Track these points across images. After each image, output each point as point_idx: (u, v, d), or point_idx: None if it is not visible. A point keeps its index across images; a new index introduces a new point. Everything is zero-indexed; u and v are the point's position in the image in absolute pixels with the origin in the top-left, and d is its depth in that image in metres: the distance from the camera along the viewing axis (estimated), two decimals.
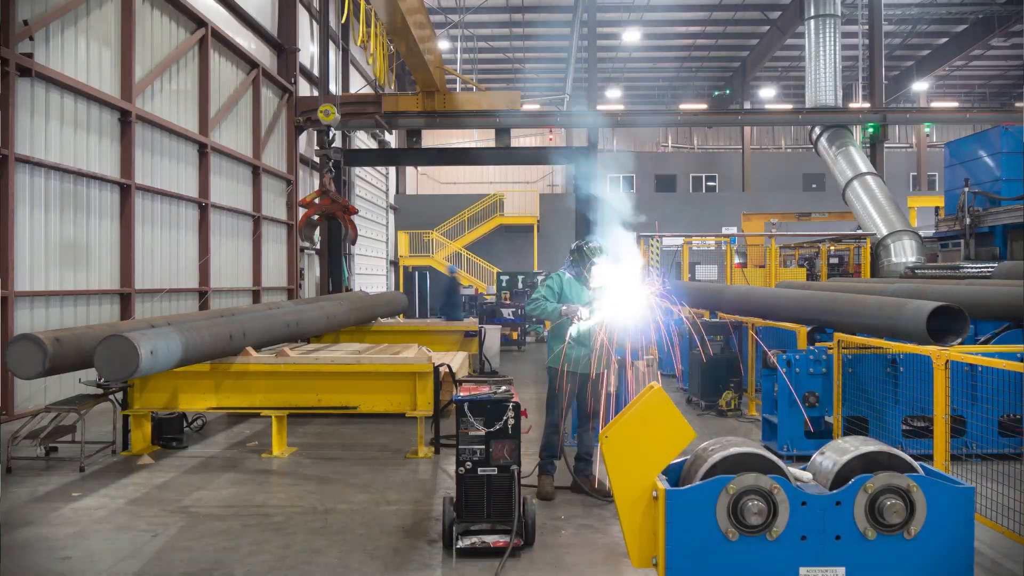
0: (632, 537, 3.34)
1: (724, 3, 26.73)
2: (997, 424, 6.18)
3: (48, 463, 7.11)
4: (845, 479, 3.26)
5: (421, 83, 19.05)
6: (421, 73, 18.01)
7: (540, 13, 27.60)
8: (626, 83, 36.89)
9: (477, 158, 27.41)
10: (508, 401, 4.77)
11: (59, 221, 10.18)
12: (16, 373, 6.24)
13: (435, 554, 4.77)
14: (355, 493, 6.13)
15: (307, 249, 20.90)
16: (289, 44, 18.86)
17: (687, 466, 3.50)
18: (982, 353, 5.43)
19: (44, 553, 4.85)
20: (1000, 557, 4.56)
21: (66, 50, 10.34)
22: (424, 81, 18.79)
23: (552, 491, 5.92)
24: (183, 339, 6.49)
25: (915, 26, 28.61)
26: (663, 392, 3.46)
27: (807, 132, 23.53)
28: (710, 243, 26.89)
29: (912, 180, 37.29)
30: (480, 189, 35.84)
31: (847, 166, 20.26)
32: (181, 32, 13.57)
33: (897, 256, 17.76)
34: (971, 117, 23.15)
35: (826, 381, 6.77)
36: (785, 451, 6.87)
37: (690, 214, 30.90)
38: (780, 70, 34.65)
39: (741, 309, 9.67)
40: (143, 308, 12.00)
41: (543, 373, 13.80)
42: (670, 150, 40.54)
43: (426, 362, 7.42)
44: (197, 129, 14.03)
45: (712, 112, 30.90)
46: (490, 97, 20.35)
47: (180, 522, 5.41)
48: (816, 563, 3.18)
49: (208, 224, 14.24)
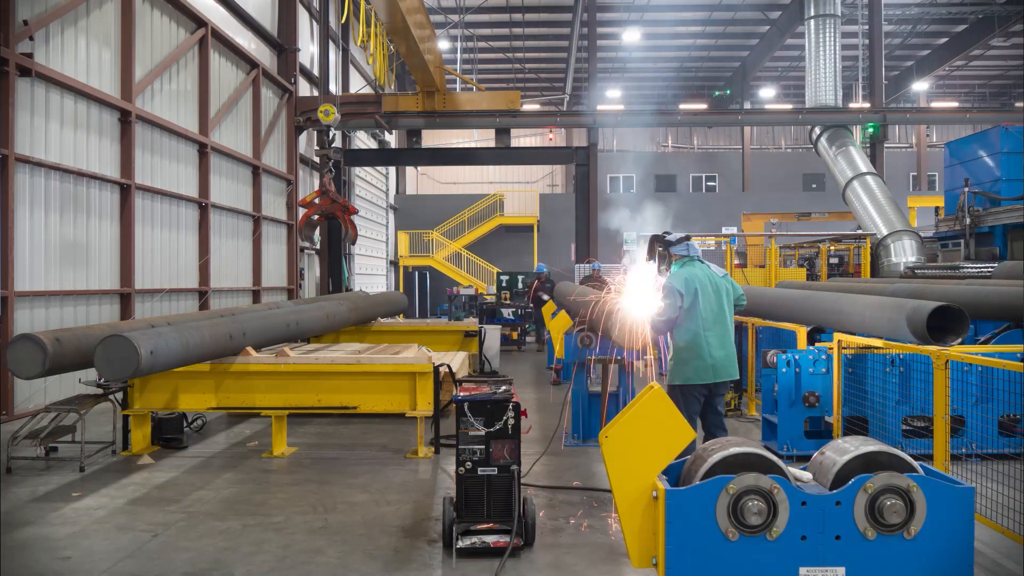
0: (632, 537, 3.34)
1: (724, 3, 26.72)
2: (997, 424, 6.19)
3: (48, 463, 7.11)
4: (845, 479, 3.26)
5: (421, 83, 19.07)
6: (421, 73, 18.03)
7: (540, 13, 27.59)
8: (626, 83, 36.88)
9: (477, 158, 27.45)
10: (508, 401, 4.77)
11: (59, 221, 10.19)
12: (16, 373, 6.24)
13: (435, 554, 4.77)
14: (355, 493, 6.13)
15: (307, 249, 20.90)
16: (289, 44, 18.87)
17: (687, 466, 3.50)
18: (982, 353, 5.43)
19: (44, 553, 4.84)
20: (1000, 557, 4.56)
21: (66, 50, 10.34)
22: (424, 81, 18.80)
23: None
24: (183, 339, 6.49)
25: (915, 26, 28.60)
26: (663, 392, 3.46)
27: (807, 132, 23.53)
28: (710, 243, 26.88)
29: (912, 180, 37.30)
30: (480, 189, 35.84)
31: (847, 166, 20.26)
32: (181, 32, 13.58)
33: (897, 256, 17.76)
34: (971, 117, 23.14)
35: (826, 381, 6.77)
36: (785, 451, 6.88)
37: (690, 214, 30.95)
38: (780, 70, 34.65)
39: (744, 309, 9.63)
40: (143, 308, 12.01)
41: (543, 373, 13.88)
42: (670, 150, 40.55)
43: (426, 362, 7.42)
44: (197, 129, 14.03)
45: (712, 112, 30.89)
46: (490, 97, 20.37)
47: (180, 522, 5.41)
48: (816, 563, 3.18)
49: (208, 224, 14.25)
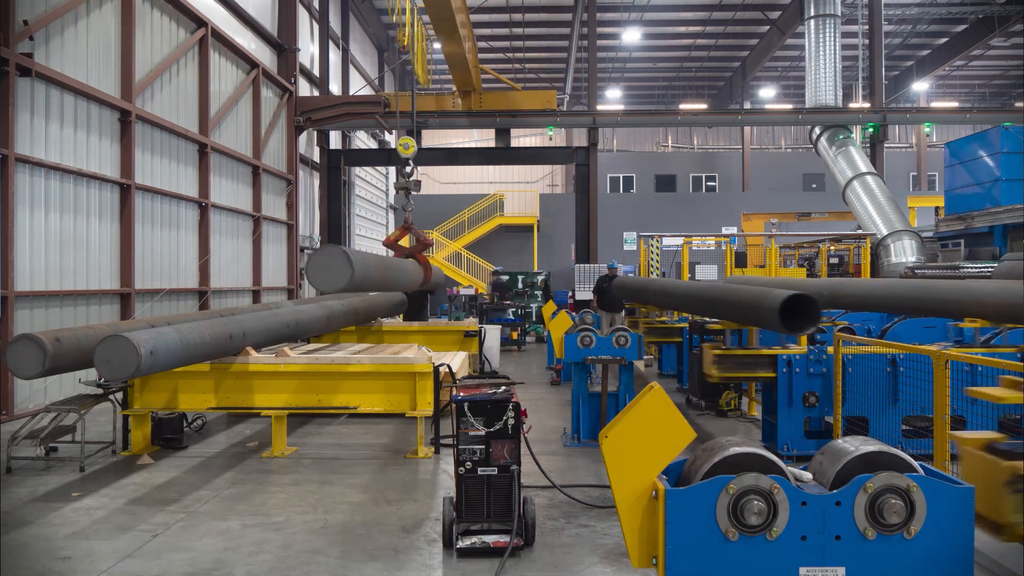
0: (632, 537, 3.34)
1: (724, 3, 26.74)
2: (997, 424, 6.19)
3: (48, 463, 7.11)
4: (845, 479, 3.26)
5: (459, 83, 19.31)
6: (461, 72, 18.21)
7: (540, 13, 27.60)
8: (626, 83, 36.89)
9: (477, 158, 27.44)
10: (508, 401, 4.77)
11: (59, 221, 10.19)
12: (16, 373, 6.24)
13: (435, 554, 4.77)
14: (355, 493, 6.13)
15: (307, 249, 20.92)
16: (289, 44, 18.87)
17: (687, 466, 3.50)
18: (982, 353, 5.43)
19: (44, 553, 4.85)
20: (1000, 557, 4.56)
21: (66, 50, 10.34)
22: (462, 81, 19.01)
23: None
24: (183, 339, 6.49)
25: (915, 26, 28.62)
26: (663, 392, 3.45)
27: (807, 132, 23.53)
28: (710, 243, 26.89)
29: (912, 180, 37.31)
30: (480, 189, 35.84)
31: (847, 166, 20.28)
32: (181, 32, 13.58)
33: (897, 256, 17.77)
34: (971, 117, 23.15)
35: (826, 381, 6.78)
36: (785, 451, 6.88)
37: (690, 214, 30.95)
38: (780, 70, 34.66)
39: (675, 304, 9.65)
40: (143, 308, 12.01)
41: (543, 373, 13.88)
42: (670, 150, 40.56)
43: (426, 362, 7.42)
44: (197, 129, 14.03)
45: (712, 112, 30.90)
46: (527, 97, 20.48)
47: (180, 522, 5.41)
48: (816, 563, 3.18)
49: (208, 224, 14.25)
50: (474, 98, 19.89)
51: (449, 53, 16.60)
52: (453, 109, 20.08)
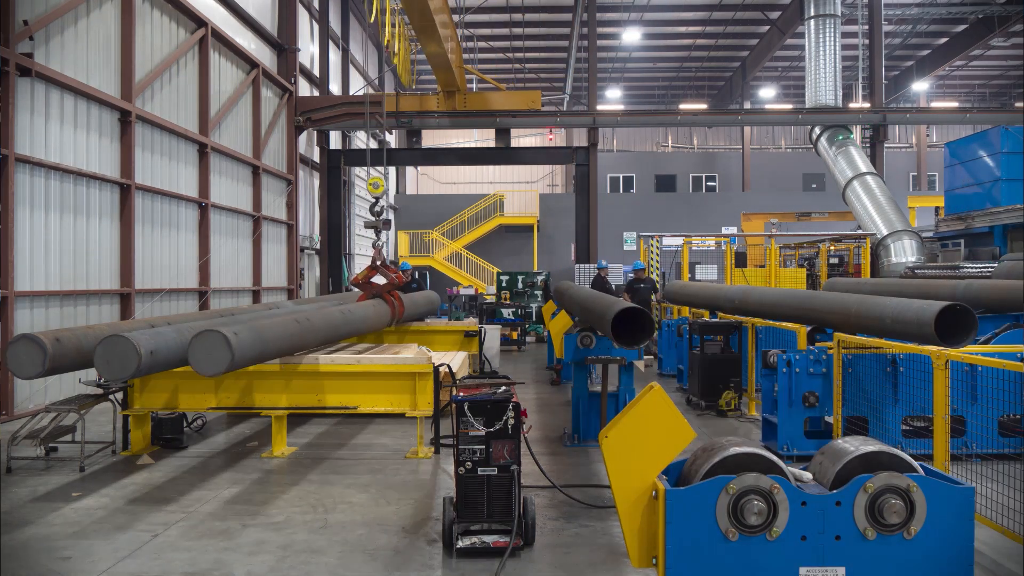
0: (632, 537, 3.34)
1: (724, 3, 26.74)
2: (997, 424, 6.19)
3: (48, 463, 7.11)
4: (845, 479, 3.26)
5: (443, 83, 19.19)
6: (444, 73, 18.13)
7: (540, 13, 27.60)
8: (626, 83, 36.89)
9: (477, 158, 27.45)
10: (508, 401, 4.77)
11: (59, 221, 10.19)
12: (16, 373, 6.24)
13: (435, 554, 4.77)
14: (355, 493, 6.13)
15: (307, 249, 20.93)
16: (289, 44, 18.88)
17: (687, 466, 3.50)
18: (982, 353, 5.42)
19: (44, 553, 4.85)
20: (1000, 557, 4.56)
21: (66, 50, 10.34)
22: (446, 81, 18.91)
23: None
24: (183, 339, 6.49)
25: (915, 26, 28.61)
26: (663, 392, 3.46)
27: (807, 132, 23.52)
28: (710, 243, 26.90)
29: (912, 180, 37.31)
30: (480, 189, 35.83)
31: (847, 166, 20.27)
32: (181, 32, 13.58)
33: (897, 256, 17.77)
34: (971, 117, 23.15)
35: (826, 381, 6.78)
36: (785, 451, 6.88)
37: (690, 214, 30.96)
38: (780, 70, 34.66)
39: (745, 310, 9.60)
40: (143, 308, 12.01)
41: (543, 373, 13.87)
42: (670, 150, 40.56)
43: (426, 362, 7.42)
44: (197, 129, 14.03)
45: (712, 112, 30.91)
46: (510, 97, 20.44)
47: (180, 522, 5.41)
48: (816, 563, 3.18)
49: (208, 224, 14.25)
50: (459, 98, 19.83)
51: (431, 54, 16.53)
52: (437, 108, 20.06)
